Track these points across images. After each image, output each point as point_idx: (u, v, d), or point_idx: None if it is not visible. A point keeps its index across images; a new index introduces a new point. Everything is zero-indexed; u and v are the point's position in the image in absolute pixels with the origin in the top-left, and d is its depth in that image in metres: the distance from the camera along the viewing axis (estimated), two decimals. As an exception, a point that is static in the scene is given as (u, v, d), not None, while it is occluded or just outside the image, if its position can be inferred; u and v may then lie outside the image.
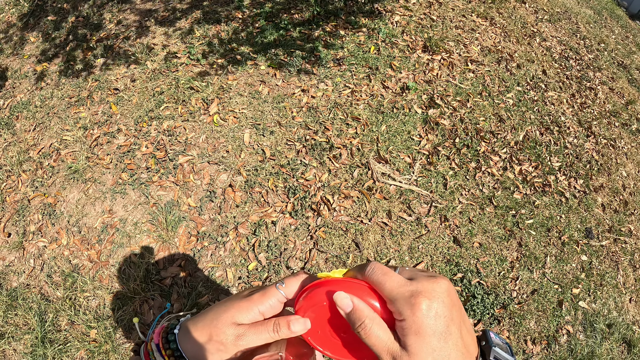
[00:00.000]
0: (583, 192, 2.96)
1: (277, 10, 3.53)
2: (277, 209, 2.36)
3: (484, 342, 0.40)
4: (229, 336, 0.41)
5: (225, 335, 0.41)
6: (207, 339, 0.42)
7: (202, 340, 0.42)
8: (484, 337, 0.41)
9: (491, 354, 0.38)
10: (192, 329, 0.43)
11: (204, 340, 0.42)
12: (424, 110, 3.00)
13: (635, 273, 2.72)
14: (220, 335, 0.41)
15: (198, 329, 0.43)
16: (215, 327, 0.41)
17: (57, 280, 2.15)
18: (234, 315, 0.42)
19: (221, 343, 0.41)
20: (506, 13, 4.18)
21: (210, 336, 0.41)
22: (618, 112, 3.74)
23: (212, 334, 0.41)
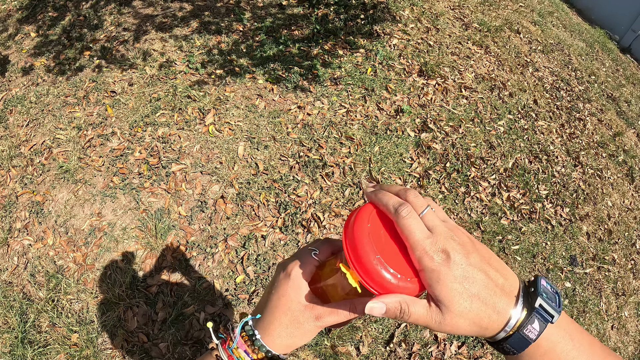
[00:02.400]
0: (569, 220, 3.09)
1: (278, 26, 3.66)
2: (267, 223, 2.44)
3: (532, 288, 0.41)
4: (309, 321, 0.46)
5: (306, 321, 0.46)
6: (291, 330, 0.46)
7: (286, 333, 0.46)
8: (534, 283, 0.42)
9: (537, 301, 0.39)
10: (273, 327, 0.47)
11: (287, 333, 0.46)
12: (417, 134, 3.13)
13: (617, 301, 2.84)
14: (302, 323, 0.46)
15: (277, 325, 0.47)
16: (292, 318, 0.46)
17: (40, 280, 2.17)
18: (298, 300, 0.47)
19: (304, 328, 0.46)
20: (501, 42, 4.37)
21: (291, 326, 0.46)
22: (606, 143, 3.91)
23: (293, 324, 0.46)
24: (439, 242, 0.39)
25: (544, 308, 0.39)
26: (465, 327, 0.39)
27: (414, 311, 0.39)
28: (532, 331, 0.39)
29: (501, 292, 0.39)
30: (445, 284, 0.37)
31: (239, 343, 0.48)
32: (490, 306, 0.38)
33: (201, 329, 2.07)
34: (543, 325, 0.39)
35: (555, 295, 0.41)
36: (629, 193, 3.64)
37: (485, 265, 0.39)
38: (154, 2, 3.82)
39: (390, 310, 0.40)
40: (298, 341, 0.47)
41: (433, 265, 0.38)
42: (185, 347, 2.01)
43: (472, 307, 0.38)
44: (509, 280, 0.41)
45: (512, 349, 0.40)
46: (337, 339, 2.13)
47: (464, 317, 0.38)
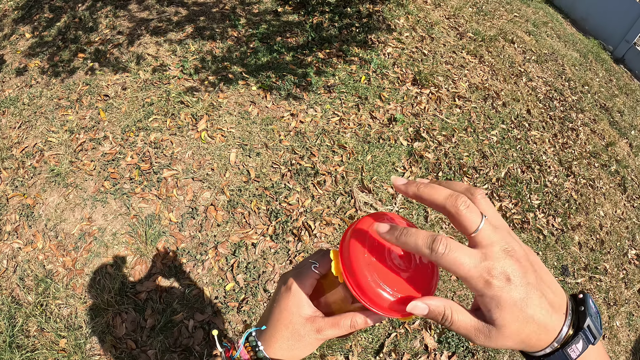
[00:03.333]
0: (561, 230, 3.12)
1: (272, 33, 3.69)
2: (258, 231, 2.46)
3: (582, 308, 0.40)
4: (310, 334, 0.47)
5: (307, 334, 0.47)
6: (292, 343, 0.47)
7: (287, 346, 0.48)
8: (583, 302, 0.40)
9: (586, 322, 0.38)
10: (275, 340, 0.48)
11: (288, 345, 0.48)
12: (410, 143, 3.16)
13: (609, 310, 2.86)
14: (303, 336, 0.47)
15: (278, 337, 0.48)
16: (294, 332, 0.47)
17: (29, 284, 2.18)
18: (299, 313, 0.48)
19: (305, 341, 0.47)
20: (495, 52, 4.42)
21: (293, 339, 0.47)
22: (598, 153, 3.96)
23: (294, 337, 0.47)
24: (497, 265, 0.36)
25: (590, 329, 0.38)
26: (511, 344, 0.38)
27: (456, 319, 0.39)
28: (575, 351, 0.38)
29: (553, 310, 0.38)
30: (504, 308, 0.36)
31: (242, 353, 0.50)
32: (542, 326, 0.38)
33: (190, 336, 2.08)
34: (586, 345, 0.38)
35: (598, 315, 0.41)
36: (621, 203, 3.68)
37: (540, 283, 0.38)
38: (150, 6, 3.85)
39: (432, 313, 0.39)
40: (299, 353, 0.48)
41: (493, 291, 0.36)
42: (174, 354, 2.02)
43: (525, 329, 0.37)
44: (558, 296, 0.40)
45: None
46: (327, 349, 2.14)
47: (514, 337, 0.38)
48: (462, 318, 0.39)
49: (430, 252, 0.37)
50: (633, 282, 3.13)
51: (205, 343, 2.07)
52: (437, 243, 0.37)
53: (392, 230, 0.40)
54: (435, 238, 0.37)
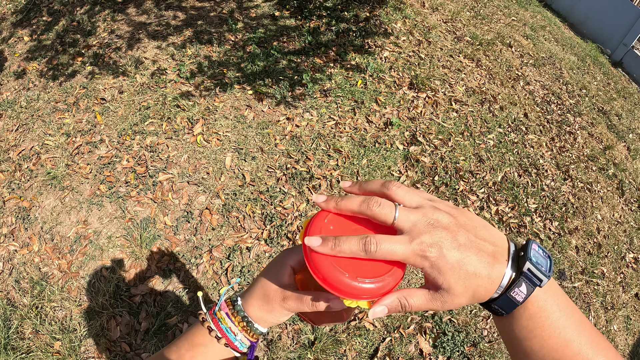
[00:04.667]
0: (558, 234, 3.13)
1: (269, 37, 3.71)
2: (252, 235, 2.47)
3: (522, 253, 0.42)
4: (276, 300, 0.49)
5: (274, 299, 0.50)
6: (261, 303, 0.50)
7: (258, 305, 0.51)
8: (523, 248, 0.42)
9: (525, 266, 0.40)
10: (251, 297, 0.52)
11: (258, 305, 0.51)
12: (406, 147, 3.18)
13: (606, 314, 2.87)
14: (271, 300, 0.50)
15: (253, 295, 0.51)
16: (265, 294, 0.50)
17: (24, 286, 2.19)
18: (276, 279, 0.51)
19: (271, 306, 0.50)
20: (492, 56, 4.44)
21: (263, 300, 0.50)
22: (596, 156, 3.96)
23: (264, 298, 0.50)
24: (423, 240, 0.39)
25: (532, 272, 0.40)
26: (465, 301, 0.41)
27: (413, 302, 0.41)
28: (519, 294, 0.40)
29: (494, 261, 0.40)
30: (444, 273, 0.39)
31: (222, 306, 0.53)
32: (486, 278, 0.40)
33: (184, 339, 2.09)
34: (531, 288, 0.40)
35: (547, 259, 0.42)
36: (619, 206, 3.68)
37: (474, 239, 0.41)
38: (148, 10, 3.88)
39: (391, 309, 0.42)
40: (267, 317, 0.51)
41: (430, 262, 0.39)
42: (167, 358, 2.03)
43: (471, 285, 0.40)
44: (499, 246, 0.42)
45: (499, 309, 0.42)
46: (321, 353, 2.15)
47: (465, 294, 0.40)
48: (417, 299, 0.41)
49: (365, 253, 0.40)
50: (630, 285, 3.13)
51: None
52: (368, 244, 0.40)
53: (325, 242, 0.41)
54: (365, 240, 0.40)
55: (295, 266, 0.52)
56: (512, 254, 0.42)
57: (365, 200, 0.42)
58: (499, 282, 0.40)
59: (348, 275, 0.41)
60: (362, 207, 0.42)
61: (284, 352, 2.12)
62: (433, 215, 0.41)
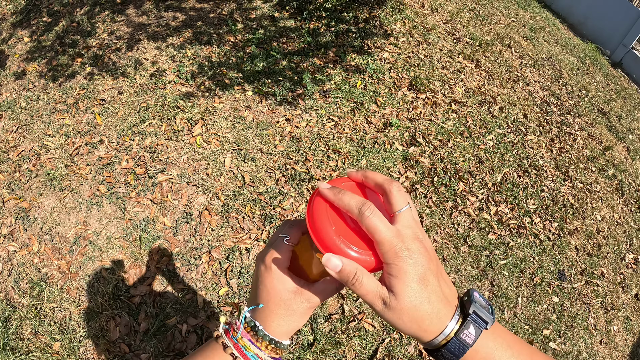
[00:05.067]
0: (557, 235, 3.13)
1: (269, 38, 3.72)
2: (252, 236, 2.48)
3: (466, 298, 0.45)
4: (301, 305, 0.50)
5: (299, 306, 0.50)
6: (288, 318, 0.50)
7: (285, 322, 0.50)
8: (467, 294, 0.45)
9: (471, 308, 0.43)
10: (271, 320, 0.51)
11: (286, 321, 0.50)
12: (405, 148, 3.18)
13: (606, 315, 2.87)
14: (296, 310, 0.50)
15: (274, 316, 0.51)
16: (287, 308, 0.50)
17: (24, 287, 2.20)
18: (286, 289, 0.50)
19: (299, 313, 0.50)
20: (492, 57, 4.45)
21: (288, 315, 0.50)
22: (595, 157, 3.97)
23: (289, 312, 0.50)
24: (407, 241, 0.41)
25: (478, 314, 0.43)
26: (406, 322, 0.42)
27: (365, 283, 0.42)
28: (468, 336, 0.42)
29: (445, 301, 0.43)
30: (404, 279, 0.40)
31: (242, 333, 0.52)
32: (435, 311, 0.42)
33: (183, 340, 2.09)
34: (479, 330, 0.42)
35: (488, 305, 0.45)
36: (619, 207, 3.68)
37: (439, 274, 0.43)
38: (148, 11, 3.88)
39: (343, 271, 0.42)
40: (296, 325, 0.51)
41: (397, 260, 0.41)
42: (167, 358, 2.03)
43: (420, 307, 0.41)
44: (452, 291, 0.45)
45: (451, 355, 0.43)
46: (320, 354, 2.15)
47: (409, 313, 0.41)
48: (370, 282, 0.42)
49: (358, 212, 0.42)
50: (630, 286, 3.13)
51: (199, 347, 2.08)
52: (365, 206, 0.42)
53: (332, 189, 0.45)
54: (365, 203, 0.42)
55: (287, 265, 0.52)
56: (459, 301, 0.45)
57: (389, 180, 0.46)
58: (446, 322, 0.42)
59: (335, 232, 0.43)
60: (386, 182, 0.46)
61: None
62: (422, 233, 0.44)
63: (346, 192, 0.44)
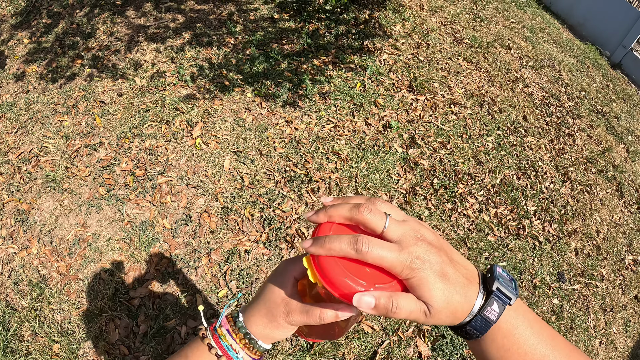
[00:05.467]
0: (557, 237, 3.13)
1: (269, 39, 3.72)
2: (251, 238, 2.48)
3: (489, 275, 0.45)
4: (281, 315, 0.49)
5: (279, 314, 0.49)
6: (265, 320, 0.50)
7: (261, 322, 0.50)
8: (490, 270, 0.46)
9: (494, 285, 0.43)
10: (253, 313, 0.51)
11: (262, 322, 0.50)
12: (405, 150, 3.18)
13: (605, 317, 2.87)
14: (275, 316, 0.49)
15: (256, 312, 0.51)
16: (268, 309, 0.50)
17: (23, 289, 2.20)
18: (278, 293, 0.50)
19: (277, 322, 0.49)
20: (491, 58, 4.45)
21: (266, 317, 0.50)
22: (595, 158, 3.97)
23: (268, 315, 0.50)
24: (412, 251, 0.41)
25: (501, 291, 0.43)
26: (444, 318, 0.42)
27: (404, 305, 0.41)
28: (492, 312, 0.42)
29: (468, 282, 0.43)
30: (426, 284, 0.40)
31: (222, 322, 0.52)
32: (463, 297, 0.42)
33: (183, 343, 2.10)
34: (502, 307, 0.42)
35: (512, 281, 0.45)
36: (618, 208, 3.69)
37: (452, 261, 0.43)
38: (147, 12, 3.89)
39: (380, 305, 0.40)
40: (271, 333, 0.50)
41: (413, 273, 0.40)
42: (166, 360, 2.04)
43: (452, 300, 0.41)
44: (470, 270, 0.45)
45: (475, 331, 0.43)
46: (319, 356, 2.15)
47: (445, 310, 0.41)
48: (408, 303, 0.41)
49: (355, 252, 0.40)
50: (630, 288, 3.14)
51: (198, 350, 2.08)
52: (359, 243, 0.40)
53: (315, 241, 0.42)
54: (357, 239, 0.41)
55: (297, 276, 0.51)
56: (481, 277, 0.45)
57: (356, 206, 0.43)
58: (473, 302, 0.43)
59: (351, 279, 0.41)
60: (353, 212, 0.43)
61: (282, 355, 2.13)
62: (419, 229, 0.43)
63: (331, 237, 0.42)
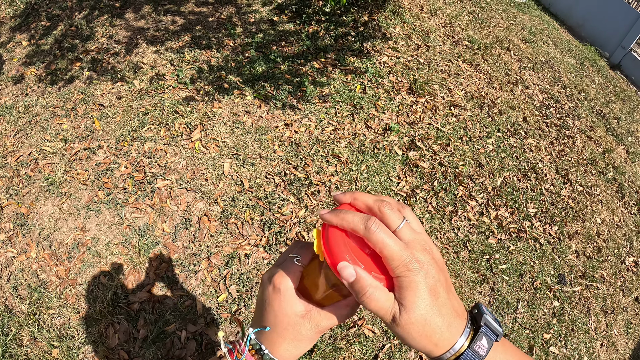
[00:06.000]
0: (557, 239, 3.13)
1: (268, 42, 3.72)
2: (251, 241, 2.47)
3: (476, 310, 0.45)
4: (310, 330, 0.49)
5: (307, 331, 0.49)
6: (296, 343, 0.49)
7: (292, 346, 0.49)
8: (476, 307, 0.46)
9: (482, 320, 0.43)
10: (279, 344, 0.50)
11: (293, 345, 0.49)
12: (405, 152, 3.18)
13: (607, 319, 2.87)
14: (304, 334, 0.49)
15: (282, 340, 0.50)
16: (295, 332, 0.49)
17: (22, 293, 2.19)
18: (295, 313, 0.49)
19: (307, 337, 0.49)
20: (491, 60, 4.45)
21: (296, 339, 0.49)
22: (595, 160, 3.97)
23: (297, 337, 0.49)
24: (415, 253, 0.41)
25: (489, 326, 0.43)
26: (416, 335, 0.41)
27: (377, 297, 0.41)
28: (481, 347, 0.42)
29: (456, 314, 0.42)
30: (414, 290, 0.40)
31: (247, 356, 0.50)
32: (446, 325, 0.41)
33: (182, 347, 2.09)
34: (490, 342, 0.43)
35: (495, 319, 0.45)
36: (619, 210, 3.69)
37: (449, 287, 0.43)
38: (146, 15, 3.88)
39: (357, 282, 0.41)
40: (304, 349, 0.51)
41: (408, 273, 0.40)
42: (166, 365, 2.03)
43: (431, 320, 0.40)
44: (461, 306, 0.45)
45: None
46: None
47: (419, 325, 0.40)
48: (382, 296, 0.42)
49: (364, 228, 0.41)
50: (631, 289, 3.13)
51: (198, 354, 2.08)
52: (371, 222, 0.41)
53: (333, 211, 0.44)
54: (370, 218, 0.42)
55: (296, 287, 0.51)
56: (469, 314, 0.46)
57: (379, 200, 0.44)
58: (457, 336, 0.42)
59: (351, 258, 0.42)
60: (376, 204, 0.44)
61: (282, 359, 2.12)
62: (431, 245, 0.44)
63: (348, 211, 0.43)
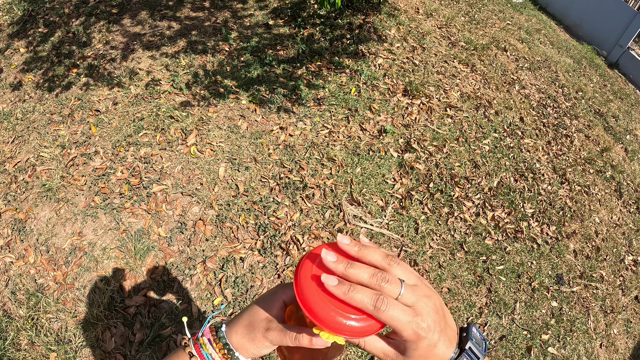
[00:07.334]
0: (555, 239, 3.13)
1: (263, 46, 3.75)
2: (246, 245, 2.50)
3: (464, 334, 0.49)
4: (260, 330, 0.52)
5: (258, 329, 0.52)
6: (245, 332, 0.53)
7: (241, 333, 0.53)
8: (465, 330, 0.50)
9: (467, 344, 0.47)
10: (236, 325, 0.54)
11: (242, 333, 0.53)
12: (400, 154, 3.20)
13: (606, 318, 2.87)
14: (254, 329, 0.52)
15: (240, 324, 0.53)
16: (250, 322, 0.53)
17: (20, 298, 2.21)
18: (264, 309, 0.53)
19: (254, 336, 0.52)
20: (487, 60, 4.47)
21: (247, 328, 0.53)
22: (593, 159, 3.97)
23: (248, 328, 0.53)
24: (425, 320, 0.44)
25: (472, 351, 0.47)
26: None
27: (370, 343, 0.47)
28: None
29: (448, 343, 0.46)
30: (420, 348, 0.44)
31: (205, 332, 0.54)
32: (441, 356, 0.46)
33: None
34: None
35: (483, 341, 0.50)
36: (617, 209, 3.69)
37: (446, 326, 0.47)
38: (143, 20, 3.92)
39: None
40: (248, 346, 0.52)
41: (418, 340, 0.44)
42: (162, 369, 2.05)
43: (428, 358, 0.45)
44: (453, 331, 0.49)
45: None
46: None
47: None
48: (374, 342, 0.47)
49: (373, 309, 0.43)
50: (630, 288, 3.13)
51: (194, 358, 2.09)
52: (380, 301, 0.43)
53: (340, 285, 0.44)
54: (379, 297, 0.43)
55: (287, 300, 0.54)
56: (458, 336, 0.50)
57: (375, 274, 0.45)
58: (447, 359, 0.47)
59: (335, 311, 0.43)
60: (372, 282, 0.45)
61: (278, 362, 2.14)
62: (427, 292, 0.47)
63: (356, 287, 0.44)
